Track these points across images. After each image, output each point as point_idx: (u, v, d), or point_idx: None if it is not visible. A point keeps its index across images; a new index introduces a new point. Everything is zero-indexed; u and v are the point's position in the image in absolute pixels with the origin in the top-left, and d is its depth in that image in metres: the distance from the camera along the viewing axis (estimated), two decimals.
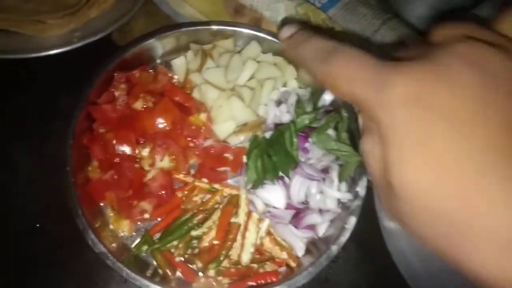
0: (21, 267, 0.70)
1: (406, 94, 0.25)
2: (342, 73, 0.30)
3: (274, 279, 0.66)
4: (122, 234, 0.71)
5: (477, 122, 0.23)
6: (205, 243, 0.67)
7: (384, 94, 0.26)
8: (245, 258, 0.68)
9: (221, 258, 0.66)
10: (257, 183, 0.71)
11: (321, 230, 0.72)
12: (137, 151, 0.72)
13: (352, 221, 0.70)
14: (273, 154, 0.71)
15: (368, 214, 0.73)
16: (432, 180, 0.24)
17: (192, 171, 0.76)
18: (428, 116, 0.24)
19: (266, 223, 0.71)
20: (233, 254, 0.68)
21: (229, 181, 0.76)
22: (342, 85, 0.30)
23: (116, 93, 0.74)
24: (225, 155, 0.76)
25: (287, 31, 0.39)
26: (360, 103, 0.29)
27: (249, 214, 0.71)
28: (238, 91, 0.78)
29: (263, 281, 0.66)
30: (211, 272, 0.67)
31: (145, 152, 0.72)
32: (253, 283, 0.66)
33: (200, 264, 0.67)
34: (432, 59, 0.26)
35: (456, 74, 0.25)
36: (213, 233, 0.68)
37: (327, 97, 0.79)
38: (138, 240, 0.71)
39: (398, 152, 0.26)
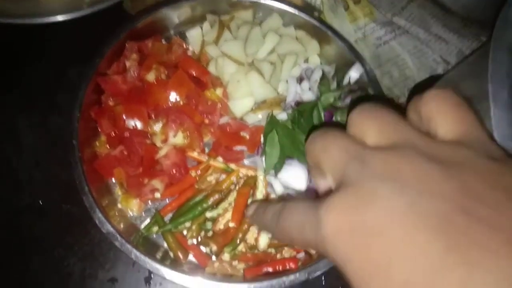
0: (24, 247, 0.66)
1: (338, 226, 0.27)
2: (291, 228, 0.32)
3: (292, 266, 0.62)
4: (131, 214, 0.67)
5: (408, 231, 0.24)
6: (220, 226, 0.63)
7: (322, 235, 0.27)
8: (262, 242, 0.63)
9: (237, 242, 0.62)
10: (278, 168, 0.67)
11: None
12: (148, 127, 0.67)
13: None
14: (298, 133, 0.65)
15: None
16: None
17: (206, 150, 0.71)
18: (370, 240, 0.25)
19: None
20: (250, 238, 0.64)
21: (245, 161, 0.71)
22: (295, 238, 0.32)
23: (127, 64, 0.69)
24: (242, 133, 0.71)
25: (251, 210, 0.43)
26: (315, 248, 0.30)
27: (267, 197, 0.66)
28: (258, 65, 0.72)
29: (281, 267, 0.61)
30: (226, 257, 0.63)
31: (157, 127, 0.67)
32: (270, 269, 0.61)
33: (214, 247, 0.62)
34: (352, 182, 0.28)
35: (375, 194, 0.26)
36: (228, 215, 0.63)
37: (353, 74, 0.74)
38: (147, 221, 0.66)
39: (356, 277, 0.26)
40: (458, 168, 0.26)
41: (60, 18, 0.72)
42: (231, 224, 0.62)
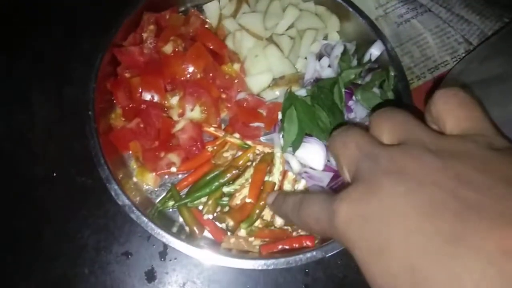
0: (38, 219, 0.65)
1: (348, 216, 0.30)
2: (309, 217, 0.36)
3: (309, 244, 0.61)
4: (146, 188, 0.66)
5: (407, 218, 0.27)
6: (237, 201, 0.62)
7: (335, 225, 0.31)
8: (279, 219, 0.62)
9: (254, 218, 0.61)
10: (296, 146, 0.65)
11: None
12: (165, 100, 0.66)
13: None
14: (318, 110, 0.64)
15: None
16: (406, 275, 0.26)
17: (223, 126, 0.70)
18: (373, 227, 0.28)
19: (302, 184, 0.65)
20: (266, 214, 0.63)
21: (262, 139, 0.70)
22: (313, 227, 0.36)
23: (144, 35, 0.67)
24: (259, 110, 0.70)
25: (270, 198, 0.50)
26: (331, 236, 0.33)
27: (284, 174, 0.65)
28: (276, 40, 0.71)
29: (297, 245, 0.61)
30: (242, 232, 0.62)
31: (174, 100, 0.65)
32: (287, 246, 0.60)
33: (231, 223, 0.62)
34: (363, 177, 0.31)
35: (381, 187, 0.29)
36: (245, 191, 0.62)
37: (374, 52, 0.72)
38: (163, 195, 0.66)
39: (365, 261, 0.29)
40: (457, 159, 0.28)
41: None
42: (248, 200, 0.61)
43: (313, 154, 0.65)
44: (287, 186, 0.64)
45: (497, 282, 0.23)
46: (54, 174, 0.67)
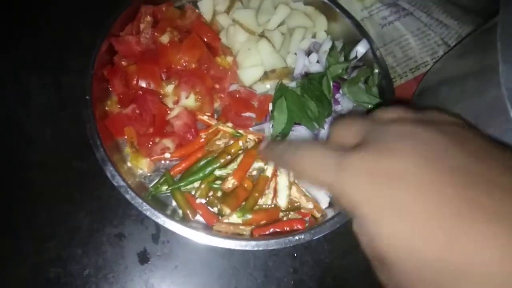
0: (33, 201, 0.65)
1: (362, 168, 0.31)
2: (306, 162, 0.36)
3: (299, 227, 0.63)
4: (140, 172, 0.67)
5: (423, 177, 0.28)
6: (229, 185, 0.64)
7: (342, 178, 0.31)
8: (283, 202, 0.65)
9: (248, 208, 0.63)
10: (285, 133, 0.68)
11: None
12: (160, 88, 0.68)
13: None
14: (307, 100, 0.67)
15: None
16: (410, 231, 0.27)
17: (216, 116, 0.72)
18: (388, 184, 0.29)
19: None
20: (266, 201, 0.65)
21: (253, 129, 0.72)
22: (308, 172, 0.36)
23: (141, 26, 0.70)
24: (251, 101, 0.73)
25: (262, 145, 0.49)
26: (326, 185, 0.34)
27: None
28: (268, 35, 0.74)
29: (288, 228, 0.63)
30: (234, 218, 0.64)
31: (169, 88, 0.68)
32: (278, 229, 0.63)
33: (223, 209, 0.64)
34: (375, 140, 0.33)
35: (394, 146, 0.31)
36: None
37: (360, 49, 0.76)
38: (156, 180, 0.67)
39: (373, 217, 0.29)
40: (434, 126, 0.32)
41: None
42: (232, 180, 0.63)
43: None
44: (282, 171, 0.66)
45: None
46: (50, 159, 0.68)
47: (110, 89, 0.69)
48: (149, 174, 0.68)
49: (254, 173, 0.69)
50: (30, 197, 0.65)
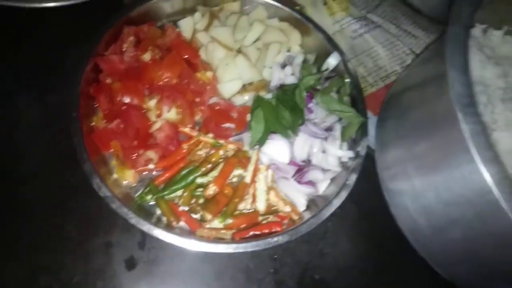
0: (23, 214, 0.69)
1: None
2: None
3: (278, 229, 0.67)
4: (126, 183, 0.71)
5: None
6: (210, 192, 0.68)
7: None
8: (261, 205, 0.69)
9: (228, 213, 0.67)
10: (262, 142, 0.72)
11: (322, 188, 0.74)
12: (143, 103, 0.72)
13: (353, 178, 0.71)
14: (282, 109, 0.72)
15: (368, 177, 0.75)
16: None
17: (197, 128, 0.76)
18: None
19: (270, 172, 0.72)
20: (246, 205, 0.69)
21: (233, 139, 0.77)
22: None
23: (124, 46, 0.74)
24: (230, 113, 0.77)
25: None
26: None
27: (256, 169, 0.71)
28: (245, 50, 0.79)
29: (267, 230, 0.67)
30: (215, 224, 0.67)
31: (152, 103, 0.72)
32: (258, 232, 0.66)
33: (205, 215, 0.67)
34: None
35: None
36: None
37: (331, 61, 0.81)
38: (141, 191, 0.71)
39: None
40: None
41: (52, 4, 0.77)
42: (213, 187, 0.67)
43: (278, 150, 0.72)
44: (260, 176, 0.70)
45: None
46: (39, 173, 0.71)
47: (96, 105, 0.73)
48: (134, 185, 0.71)
49: (234, 180, 0.73)
50: (19, 208, 0.69)
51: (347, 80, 0.80)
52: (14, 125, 0.74)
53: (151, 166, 0.70)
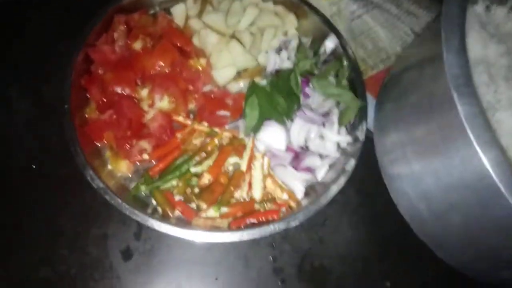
0: (18, 207, 0.69)
1: None
2: None
3: (275, 217, 0.66)
4: (121, 175, 0.70)
5: None
6: (205, 181, 0.67)
7: None
8: (257, 193, 0.68)
9: (224, 202, 0.66)
10: (257, 129, 0.71)
11: (321, 174, 0.72)
12: (136, 93, 0.71)
13: (352, 163, 0.70)
14: (276, 96, 0.70)
15: (367, 163, 0.73)
16: None
17: (191, 117, 0.75)
18: None
19: (267, 159, 0.70)
20: (242, 194, 0.68)
21: (227, 127, 0.75)
22: None
23: (115, 35, 0.73)
24: (225, 100, 0.76)
25: None
26: None
27: (251, 157, 0.70)
28: (238, 36, 0.77)
29: (264, 218, 0.66)
30: (211, 213, 0.67)
31: (144, 92, 0.71)
32: (254, 220, 0.65)
33: (200, 204, 0.67)
34: None
35: None
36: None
37: (328, 44, 0.79)
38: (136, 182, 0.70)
39: None
40: None
41: None
42: (207, 176, 0.66)
43: (275, 136, 0.71)
44: (256, 164, 0.69)
45: None
46: (33, 166, 0.71)
47: (89, 97, 0.73)
48: (130, 176, 0.71)
49: (231, 168, 0.72)
50: (15, 203, 0.69)
51: (345, 63, 0.78)
52: (7, 119, 0.74)
53: (145, 156, 0.69)
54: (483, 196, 0.52)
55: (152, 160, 0.71)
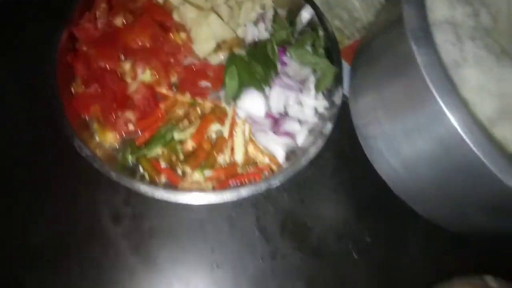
0: (6, 191, 0.72)
1: None
2: None
3: (257, 179, 0.69)
4: (108, 146, 0.73)
5: None
6: (189, 147, 0.70)
7: None
8: (239, 157, 0.72)
9: (207, 166, 0.69)
10: (236, 96, 0.74)
11: (300, 139, 0.76)
12: (119, 68, 0.74)
13: (329, 127, 0.73)
14: (254, 64, 0.73)
15: (345, 127, 0.76)
16: None
17: (174, 89, 0.78)
18: None
19: (247, 126, 0.74)
20: (224, 159, 0.71)
21: (210, 97, 0.78)
22: None
23: (97, 13, 0.76)
24: (206, 72, 0.79)
25: None
26: None
27: (233, 124, 0.73)
28: (216, 9, 0.80)
29: (246, 180, 0.69)
30: (196, 176, 0.70)
31: (127, 66, 0.74)
32: (237, 182, 0.69)
33: (185, 169, 0.70)
34: None
35: None
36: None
37: (304, 15, 0.82)
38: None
39: None
40: None
41: None
42: (191, 143, 0.69)
43: (254, 104, 0.74)
44: (238, 130, 0.72)
45: None
46: (19, 141, 0.74)
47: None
48: (117, 147, 0.74)
49: (214, 136, 0.75)
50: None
51: (321, 33, 0.81)
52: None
53: (131, 127, 0.72)
54: (447, 144, 0.55)
55: (138, 131, 0.74)
